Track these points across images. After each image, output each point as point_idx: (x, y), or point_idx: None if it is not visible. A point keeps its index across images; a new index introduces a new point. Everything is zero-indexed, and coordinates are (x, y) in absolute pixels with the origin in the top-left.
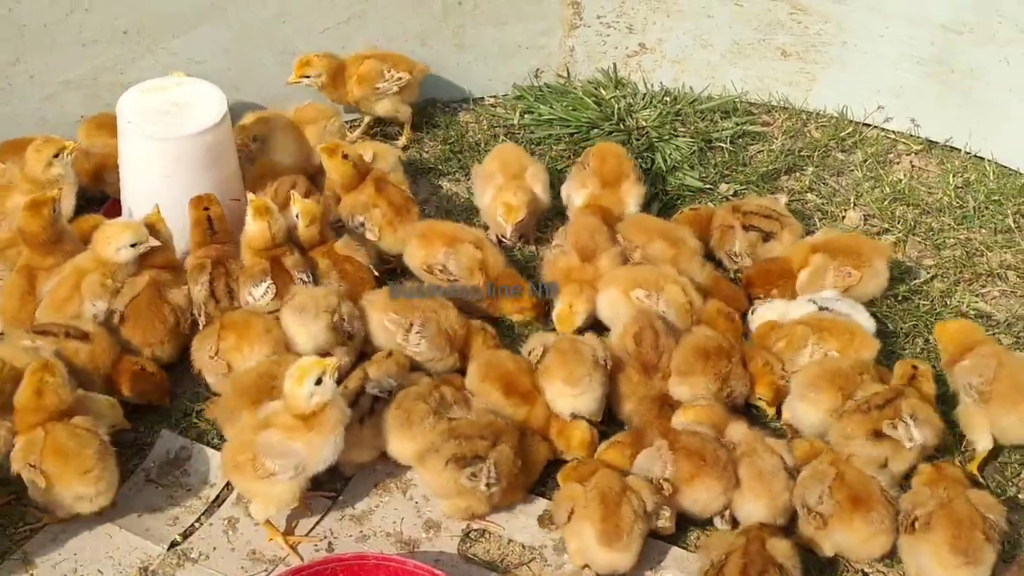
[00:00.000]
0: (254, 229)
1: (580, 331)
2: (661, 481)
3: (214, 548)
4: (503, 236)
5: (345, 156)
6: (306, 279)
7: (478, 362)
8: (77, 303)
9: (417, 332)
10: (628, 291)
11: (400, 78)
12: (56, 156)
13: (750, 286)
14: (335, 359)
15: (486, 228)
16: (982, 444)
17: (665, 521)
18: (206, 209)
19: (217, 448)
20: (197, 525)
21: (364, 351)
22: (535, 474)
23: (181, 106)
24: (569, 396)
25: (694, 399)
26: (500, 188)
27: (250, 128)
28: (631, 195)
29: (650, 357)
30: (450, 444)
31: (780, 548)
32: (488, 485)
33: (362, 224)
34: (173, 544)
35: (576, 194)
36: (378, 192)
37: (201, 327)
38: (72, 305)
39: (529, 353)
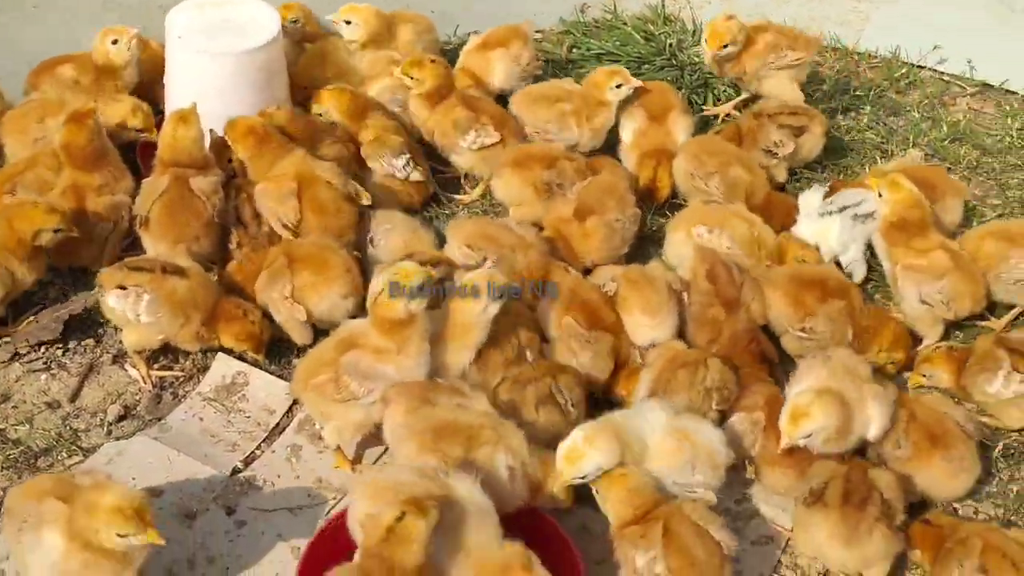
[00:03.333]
0: None
1: None
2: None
3: (278, 475)
4: None
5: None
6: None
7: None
8: None
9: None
10: (690, 229)
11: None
12: (114, 43)
13: None
14: (439, 270)
15: None
16: None
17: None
18: None
19: (274, 374)
20: (259, 452)
21: None
22: None
23: (233, 23)
24: (647, 327)
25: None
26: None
27: None
28: (679, 126)
29: (730, 292)
30: None
31: (883, 479)
32: None
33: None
34: (235, 471)
35: (624, 129)
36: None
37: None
38: None
39: (603, 287)
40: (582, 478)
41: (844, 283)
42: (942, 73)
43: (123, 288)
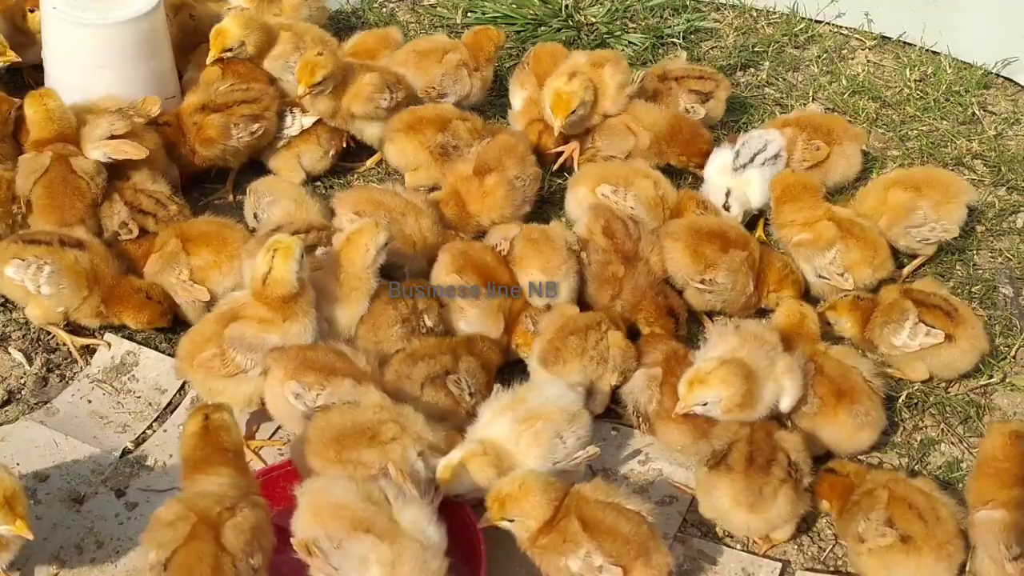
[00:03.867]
0: None
1: None
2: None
3: (170, 455)
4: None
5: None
6: None
7: (452, 252)
8: None
9: None
10: (595, 188)
11: None
12: None
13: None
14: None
15: None
16: None
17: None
18: None
19: (165, 352)
20: (149, 432)
21: None
22: None
23: None
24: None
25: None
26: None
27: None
28: None
29: (627, 246)
30: None
31: (789, 440)
32: None
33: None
34: (125, 452)
35: (515, 96)
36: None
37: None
38: None
39: (496, 247)
40: (455, 497)
41: (744, 234)
42: (840, 27)
43: (22, 260)
